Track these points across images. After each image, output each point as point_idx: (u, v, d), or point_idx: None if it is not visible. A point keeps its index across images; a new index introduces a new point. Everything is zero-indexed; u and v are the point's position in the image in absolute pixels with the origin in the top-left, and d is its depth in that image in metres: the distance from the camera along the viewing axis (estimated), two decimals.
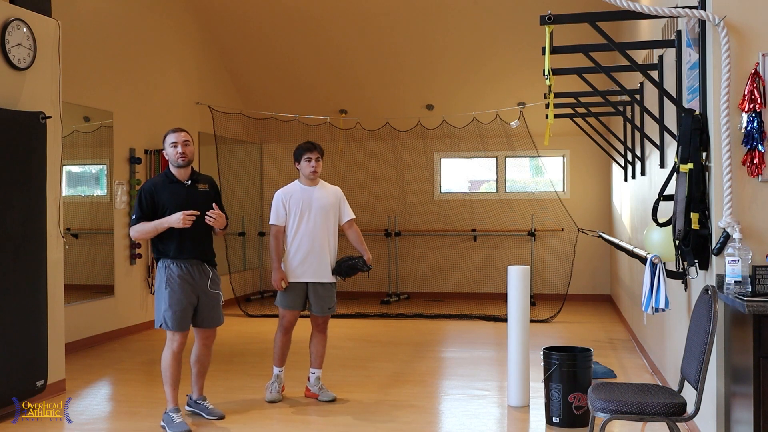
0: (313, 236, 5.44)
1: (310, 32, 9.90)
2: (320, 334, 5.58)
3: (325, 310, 5.49)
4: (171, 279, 4.82)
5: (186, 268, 4.86)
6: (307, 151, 5.48)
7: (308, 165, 5.48)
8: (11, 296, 5.07)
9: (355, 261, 5.52)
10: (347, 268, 5.51)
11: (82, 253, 7.96)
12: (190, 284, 4.86)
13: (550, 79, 4.64)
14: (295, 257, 5.44)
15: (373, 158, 11.42)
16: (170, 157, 4.89)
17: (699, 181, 3.84)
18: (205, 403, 5.12)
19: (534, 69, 7.77)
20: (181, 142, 4.86)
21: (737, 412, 3.57)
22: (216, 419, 5.01)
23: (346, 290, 11.08)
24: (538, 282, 10.58)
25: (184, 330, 4.89)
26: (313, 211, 5.45)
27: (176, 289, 4.81)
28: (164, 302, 4.83)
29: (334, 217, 5.58)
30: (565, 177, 11.07)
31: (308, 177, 5.51)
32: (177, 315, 4.81)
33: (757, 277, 3.61)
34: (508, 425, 5.08)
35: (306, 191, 5.51)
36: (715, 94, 3.79)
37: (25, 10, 5.46)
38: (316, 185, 5.57)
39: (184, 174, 4.93)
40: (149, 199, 4.83)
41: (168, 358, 4.88)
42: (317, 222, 5.46)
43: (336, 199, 5.62)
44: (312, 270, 5.44)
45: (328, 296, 5.50)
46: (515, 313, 5.33)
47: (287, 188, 5.58)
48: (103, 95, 7.99)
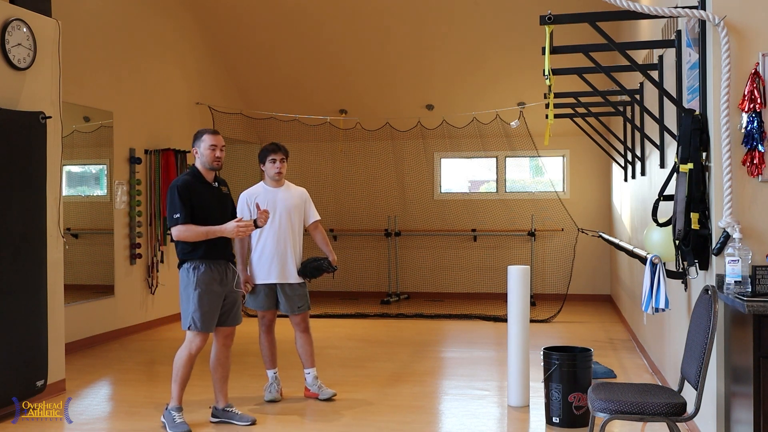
0: (278, 237, 5.42)
1: (311, 32, 9.90)
2: (303, 334, 5.57)
3: (295, 309, 5.47)
4: (201, 280, 4.77)
5: (215, 269, 4.84)
6: (271, 152, 5.49)
7: (273, 166, 5.48)
8: (11, 296, 5.07)
9: (320, 262, 5.51)
10: (312, 269, 5.50)
11: (82, 253, 7.96)
12: (219, 284, 4.85)
13: (550, 79, 4.64)
14: (261, 259, 5.43)
15: (373, 158, 11.42)
16: (206, 158, 4.87)
17: (699, 181, 3.84)
18: (234, 409, 5.03)
19: (534, 69, 7.78)
20: (220, 146, 4.92)
21: (737, 412, 3.57)
22: (249, 424, 4.91)
23: (346, 290, 11.13)
24: (538, 282, 10.58)
25: (211, 331, 4.87)
26: (277, 212, 5.43)
27: (206, 290, 4.77)
28: (193, 303, 4.77)
29: (299, 218, 5.55)
30: (565, 177, 11.08)
31: (273, 178, 5.51)
32: (206, 316, 4.78)
33: (757, 277, 3.61)
34: (508, 425, 5.08)
35: (270, 192, 5.50)
36: (715, 94, 3.79)
37: (25, 10, 5.46)
38: (281, 186, 5.56)
39: (210, 176, 4.96)
40: (188, 198, 4.76)
41: (184, 357, 4.83)
42: (282, 223, 5.44)
43: (301, 200, 5.60)
44: (278, 271, 5.43)
45: (297, 295, 5.48)
46: (515, 313, 5.33)
47: (252, 189, 5.58)
48: (103, 95, 7.99)
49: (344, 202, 11.39)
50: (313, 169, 11.20)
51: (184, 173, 5.00)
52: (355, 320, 9.30)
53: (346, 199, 11.42)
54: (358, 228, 11.39)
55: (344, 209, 11.37)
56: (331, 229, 11.03)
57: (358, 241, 11.44)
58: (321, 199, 10.07)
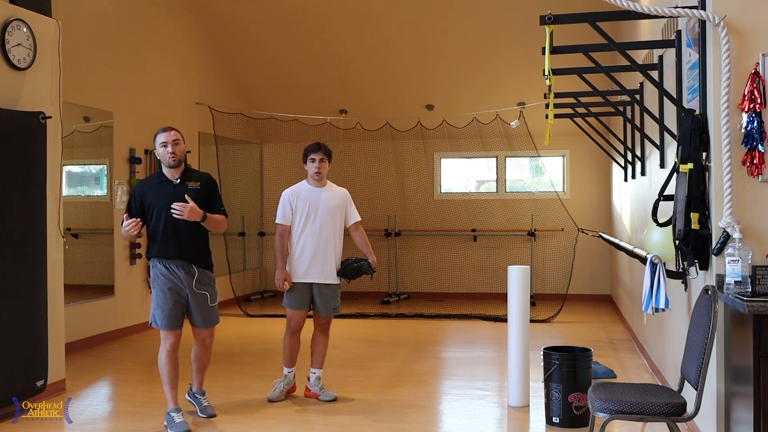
0: (319, 237, 5.44)
1: (310, 32, 9.90)
2: (322, 335, 5.59)
3: (330, 311, 5.51)
4: (157, 278, 4.85)
5: (170, 268, 4.85)
6: (312, 151, 5.50)
7: (313, 165, 5.49)
8: (11, 296, 5.07)
9: (360, 264, 5.54)
10: (352, 270, 5.53)
11: (82, 253, 7.96)
12: (174, 284, 4.85)
13: (550, 79, 4.64)
14: (300, 258, 5.45)
15: (373, 158, 11.42)
16: (161, 156, 4.88)
17: (699, 181, 3.84)
18: (201, 398, 5.12)
19: (534, 69, 7.77)
20: (171, 141, 4.82)
21: (737, 412, 3.57)
22: (206, 417, 5.03)
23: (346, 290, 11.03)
24: (538, 282, 10.58)
25: (173, 329, 4.85)
26: (319, 212, 5.45)
27: (162, 288, 4.83)
28: (154, 301, 4.87)
29: (340, 218, 5.58)
30: (565, 177, 11.07)
31: (313, 177, 5.52)
32: (164, 313, 4.82)
33: (757, 277, 3.61)
34: (508, 425, 5.08)
35: (313, 192, 5.51)
36: (715, 94, 3.79)
37: (25, 10, 5.46)
38: (323, 186, 5.57)
39: (175, 173, 4.89)
40: (138, 200, 4.87)
41: (162, 357, 4.88)
42: (323, 223, 5.46)
43: (343, 201, 5.61)
44: (317, 271, 5.45)
45: (333, 297, 5.52)
46: (515, 313, 5.33)
47: (295, 188, 5.58)
48: (103, 95, 7.99)
49: None
50: None
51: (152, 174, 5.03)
52: (355, 320, 9.29)
53: None
54: None
55: None
56: None
57: None
58: None
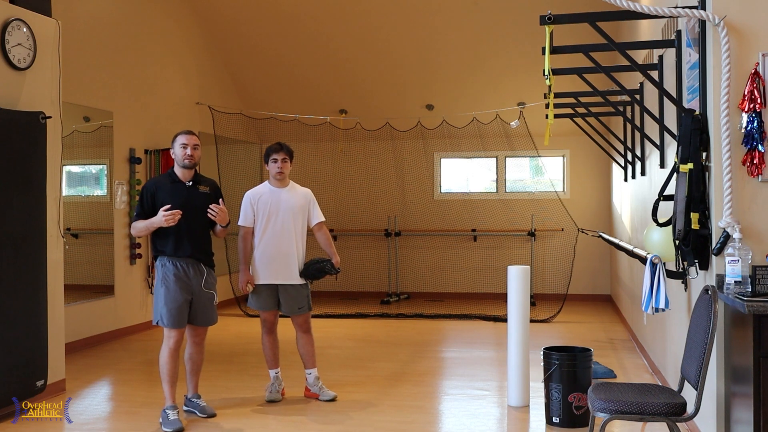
0: (281, 238, 5.40)
1: (310, 32, 9.90)
2: (304, 335, 5.56)
3: (295, 310, 5.46)
4: (166, 277, 4.91)
5: (181, 267, 4.93)
6: (274, 152, 5.45)
7: (274, 166, 5.44)
8: (11, 296, 5.07)
9: (323, 264, 5.47)
10: (315, 270, 5.47)
11: (82, 253, 7.96)
12: (184, 282, 4.93)
13: (550, 79, 4.64)
14: (263, 259, 5.41)
15: (373, 158, 11.42)
16: (177, 156, 4.99)
17: (699, 181, 3.84)
18: (198, 400, 5.16)
19: (534, 69, 7.78)
20: (192, 144, 4.99)
21: (737, 412, 3.57)
22: (207, 417, 5.07)
23: (346, 290, 11.12)
24: (538, 282, 10.58)
25: (180, 327, 4.93)
26: (280, 213, 5.40)
27: (171, 287, 4.89)
28: (161, 300, 4.92)
29: (302, 219, 5.51)
30: (565, 177, 11.07)
31: (275, 177, 5.47)
32: (172, 312, 4.88)
33: (757, 277, 3.61)
34: (508, 425, 5.08)
35: (274, 193, 5.47)
36: (715, 94, 3.79)
37: (25, 10, 5.46)
38: (285, 187, 5.52)
39: (188, 175, 5.02)
40: (150, 198, 4.95)
41: (165, 355, 4.93)
42: (285, 224, 5.41)
43: (305, 201, 5.56)
44: (279, 272, 5.40)
45: (299, 296, 5.46)
46: (515, 313, 5.33)
47: (256, 189, 5.55)
48: (103, 95, 7.99)
49: (344, 202, 11.38)
50: (313, 169, 11.20)
51: (162, 174, 5.09)
52: (355, 320, 9.29)
53: (346, 199, 11.41)
54: (358, 228, 11.39)
55: (344, 209, 11.36)
56: (331, 229, 10.98)
57: (358, 241, 11.43)
58: (321, 199, 9.93)
